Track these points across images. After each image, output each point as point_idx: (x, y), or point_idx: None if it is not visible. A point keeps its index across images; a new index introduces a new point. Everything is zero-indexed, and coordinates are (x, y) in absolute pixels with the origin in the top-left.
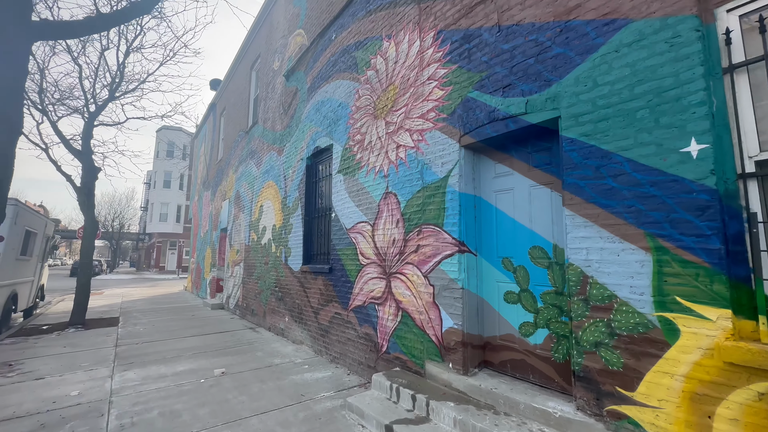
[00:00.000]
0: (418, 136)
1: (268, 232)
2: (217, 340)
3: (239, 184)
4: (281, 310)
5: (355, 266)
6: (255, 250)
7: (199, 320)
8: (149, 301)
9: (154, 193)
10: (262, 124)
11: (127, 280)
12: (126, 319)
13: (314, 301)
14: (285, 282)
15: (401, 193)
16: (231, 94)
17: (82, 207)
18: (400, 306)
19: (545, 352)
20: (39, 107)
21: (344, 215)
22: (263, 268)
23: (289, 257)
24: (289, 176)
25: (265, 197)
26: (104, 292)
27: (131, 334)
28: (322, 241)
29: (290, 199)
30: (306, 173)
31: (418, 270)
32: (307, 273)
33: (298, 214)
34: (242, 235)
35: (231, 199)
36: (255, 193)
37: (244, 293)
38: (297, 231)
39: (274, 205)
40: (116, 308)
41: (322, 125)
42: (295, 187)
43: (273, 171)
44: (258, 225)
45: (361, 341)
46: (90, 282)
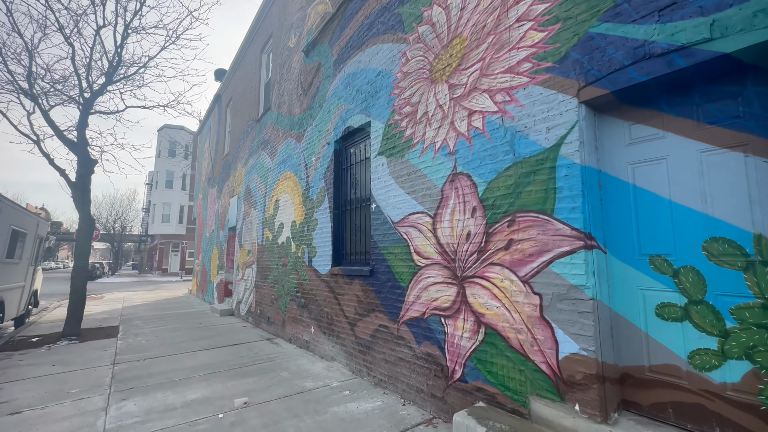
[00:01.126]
0: (504, 96)
1: (286, 229)
2: (232, 354)
3: (249, 177)
4: (305, 320)
5: (408, 268)
6: (270, 250)
7: (208, 329)
8: (152, 306)
9: (156, 193)
10: (276, 109)
11: (129, 283)
12: (126, 329)
13: (349, 310)
14: (309, 287)
15: (478, 173)
16: (238, 83)
17: (77, 203)
18: (483, 320)
19: (746, 397)
20: (28, 94)
21: (390, 206)
22: (281, 271)
23: (313, 258)
24: (311, 164)
25: (282, 190)
26: (104, 297)
27: (132, 348)
28: (357, 238)
29: (314, 190)
30: (334, 159)
31: (511, 273)
32: (338, 276)
33: (324, 208)
34: (254, 233)
35: (240, 194)
36: (269, 186)
37: (258, 299)
38: (324, 227)
39: (293, 199)
40: (116, 315)
41: (355, 101)
42: (319, 176)
43: (291, 160)
44: (273, 222)
45: (419, 363)
46: (86, 287)
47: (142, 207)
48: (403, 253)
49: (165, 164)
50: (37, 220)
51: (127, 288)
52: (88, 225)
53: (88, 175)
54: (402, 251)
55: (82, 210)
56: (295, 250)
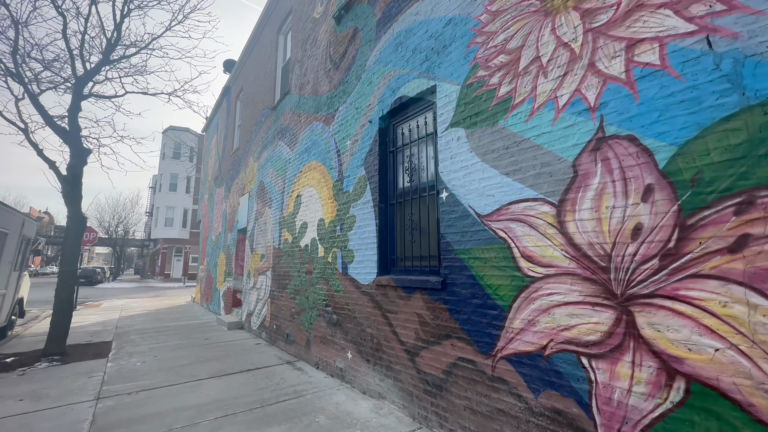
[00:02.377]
0: (709, 5)
1: (310, 229)
2: (248, 385)
3: (263, 172)
4: (338, 341)
5: (509, 280)
6: (290, 255)
7: (216, 347)
8: (152, 316)
9: (160, 196)
10: (298, 91)
11: (129, 289)
12: (120, 346)
13: (407, 334)
14: (344, 300)
15: (656, 133)
16: (250, 71)
17: (66, 198)
18: (680, 369)
19: None
20: (14, 74)
21: (473, 193)
22: (303, 279)
23: (350, 264)
24: (345, 150)
25: (305, 184)
26: (102, 304)
27: (124, 373)
28: (416, 238)
29: (349, 181)
30: (378, 140)
31: (752, 292)
32: (388, 288)
33: (365, 202)
34: (269, 235)
35: (252, 192)
36: (288, 180)
37: (274, 311)
38: (365, 226)
39: (320, 193)
40: (111, 327)
41: (411, 64)
42: (357, 163)
43: (317, 147)
44: (294, 221)
45: (539, 422)
46: (72, 297)
47: (146, 211)
48: (500, 258)
49: (169, 166)
50: (22, 219)
51: (128, 294)
52: (77, 223)
53: (80, 165)
54: (497, 255)
55: (71, 206)
56: (323, 255)
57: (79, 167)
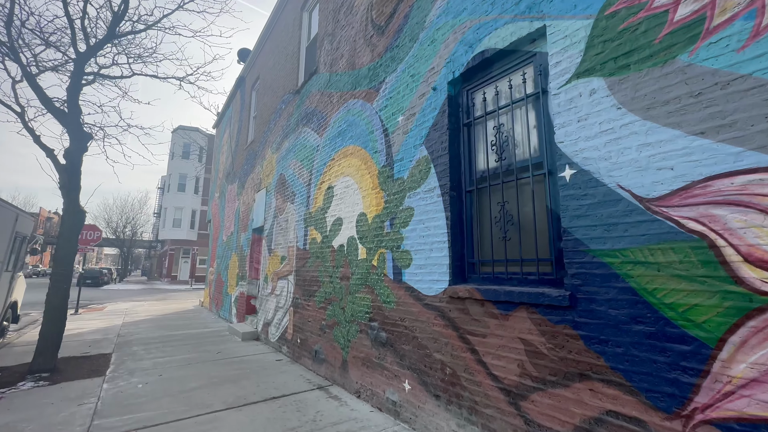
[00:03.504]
0: None
1: (347, 226)
2: (277, 423)
3: (284, 164)
4: (389, 366)
5: (715, 297)
6: (318, 257)
7: (231, 364)
8: (158, 323)
9: (168, 197)
10: (328, 69)
11: (135, 291)
12: (121, 360)
13: (504, 367)
14: (397, 314)
15: None
16: (268, 57)
17: (63, 189)
18: None
19: None
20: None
21: (627, 167)
22: (338, 287)
23: (405, 269)
24: (396, 128)
25: (339, 173)
26: (105, 308)
27: (121, 400)
28: (514, 234)
29: (403, 165)
30: (448, 111)
31: None
32: (469, 302)
33: (429, 189)
34: (291, 234)
35: (270, 187)
36: (316, 171)
37: (298, 323)
38: (428, 219)
39: (360, 183)
40: (112, 335)
41: (500, 6)
42: (416, 141)
43: (355, 129)
44: (324, 218)
45: None
46: (66, 304)
47: (154, 212)
48: (693, 263)
49: (178, 166)
50: (16, 214)
51: (133, 297)
52: (75, 218)
53: (79, 152)
54: (686, 259)
55: (68, 197)
56: (365, 257)
57: (78, 154)
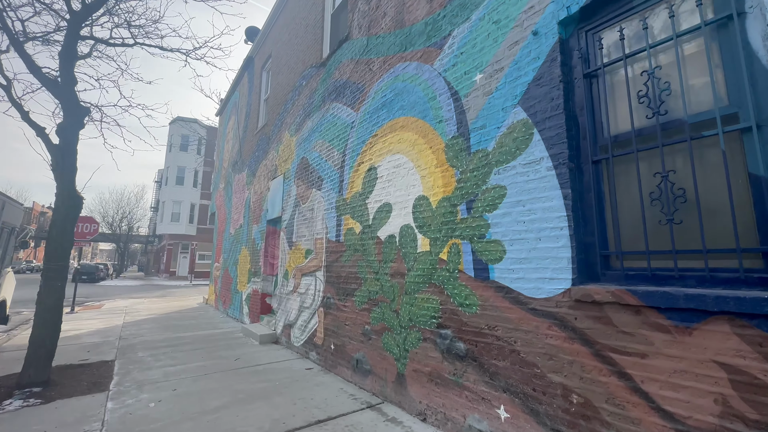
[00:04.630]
0: None
1: (399, 213)
2: None
3: (306, 147)
4: (473, 386)
5: None
6: (358, 249)
7: (255, 374)
8: (162, 322)
9: (166, 190)
10: (364, 33)
11: (133, 287)
12: (125, 369)
13: (688, 404)
14: (484, 320)
15: None
16: (282, 31)
17: (56, 170)
18: None
19: None
20: None
21: None
22: (387, 285)
23: (495, 263)
24: (473, 89)
25: (385, 150)
26: (103, 305)
27: (131, 425)
28: (682, 217)
29: (485, 134)
30: (560, 59)
31: None
32: (614, 309)
33: (531, 162)
34: (318, 225)
35: (288, 173)
36: (351, 150)
37: (331, 325)
38: (531, 200)
39: (417, 160)
40: (113, 338)
41: None
42: (505, 103)
43: (407, 97)
44: (364, 204)
45: None
46: (61, 304)
47: (150, 206)
48: None
49: (176, 159)
50: (2, 201)
51: (132, 293)
52: (70, 204)
53: (74, 128)
54: None
55: (61, 180)
56: (428, 249)
57: (72, 130)
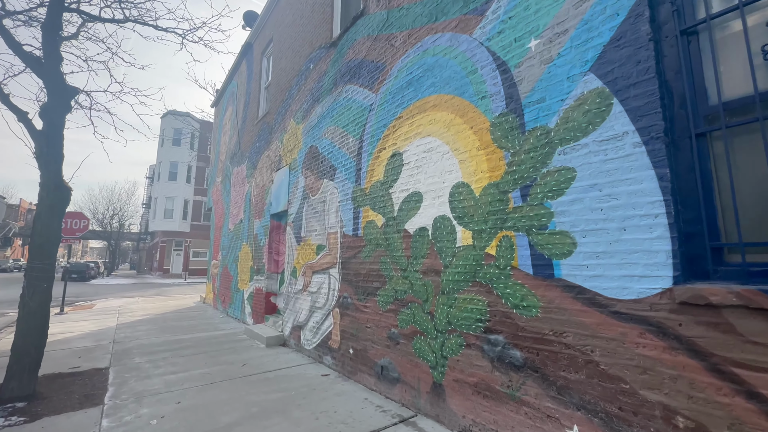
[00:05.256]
0: None
1: (432, 203)
2: None
3: (315, 134)
4: (535, 401)
5: None
6: (380, 244)
7: (266, 382)
8: (158, 323)
9: (158, 186)
10: (383, 7)
11: (126, 285)
12: (122, 378)
13: None
14: (548, 325)
15: None
16: (285, 12)
17: (40, 158)
18: None
19: None
20: None
21: None
22: (419, 283)
23: (563, 258)
24: (527, 57)
25: (413, 133)
26: (95, 305)
27: None
28: None
29: (542, 108)
30: (648, 13)
31: None
32: (740, 314)
33: (608, 138)
34: (331, 218)
35: (295, 164)
36: (369, 136)
37: (350, 328)
38: (614, 182)
39: (454, 142)
40: (107, 340)
41: None
42: (571, 71)
43: (440, 72)
44: (387, 194)
45: None
46: (48, 307)
47: (142, 202)
48: None
49: (169, 154)
50: None
51: (125, 292)
52: (56, 195)
53: (60, 111)
54: None
55: (46, 168)
56: (470, 243)
57: (58, 112)
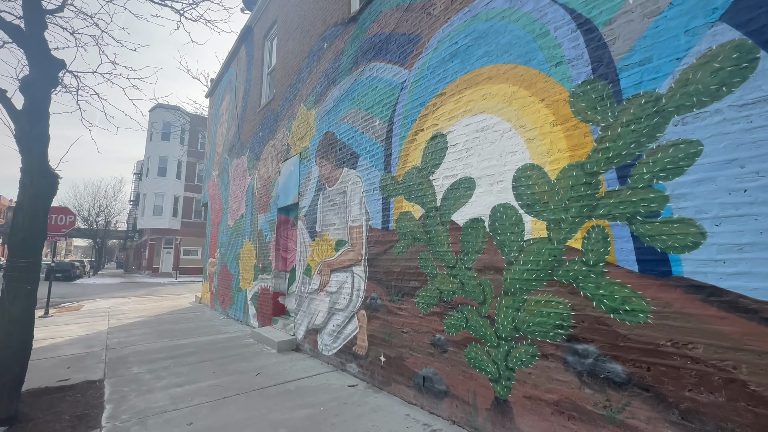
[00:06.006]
0: None
1: (489, 190)
2: None
3: (331, 119)
4: (651, 427)
5: None
6: (419, 238)
7: (287, 396)
8: (154, 327)
9: (147, 182)
10: None
11: (114, 285)
12: (119, 394)
13: None
14: (663, 334)
15: None
16: None
17: (21, 141)
18: None
19: None
20: None
21: None
22: (473, 283)
23: (685, 252)
24: (620, 11)
25: (461, 111)
26: (83, 306)
27: None
28: None
29: (646, 71)
30: None
31: None
32: None
33: (746, 103)
34: (354, 210)
35: (307, 152)
36: (400, 117)
37: (381, 332)
38: (762, 157)
39: (518, 119)
40: (98, 347)
41: None
42: (688, 24)
43: (497, 39)
44: (427, 182)
45: None
46: (32, 315)
47: (130, 199)
48: None
49: (158, 149)
50: None
51: (113, 292)
52: (41, 182)
53: (44, 85)
54: None
55: (29, 152)
56: (545, 235)
57: (42, 87)
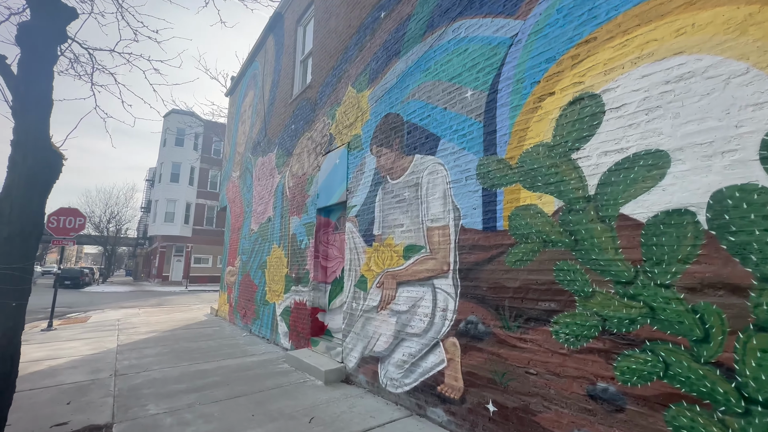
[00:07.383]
0: None
1: (690, 168)
2: None
3: (393, 98)
4: None
5: None
6: (551, 241)
7: None
8: (169, 344)
9: (160, 188)
10: None
11: (123, 293)
12: None
13: None
14: None
15: None
16: None
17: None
18: None
19: None
20: None
21: None
22: (666, 307)
23: None
24: None
25: (624, 60)
26: (90, 317)
27: None
28: None
29: None
30: None
31: None
32: None
33: None
34: (434, 207)
35: (358, 141)
36: (509, 82)
37: (486, 370)
38: None
39: (760, 58)
40: (106, 373)
41: None
42: None
43: None
44: (562, 163)
45: None
46: (19, 339)
47: (141, 206)
48: None
49: (171, 154)
50: None
51: (122, 301)
52: (38, 158)
53: (47, 34)
54: None
55: (23, 118)
56: None
57: (45, 37)
